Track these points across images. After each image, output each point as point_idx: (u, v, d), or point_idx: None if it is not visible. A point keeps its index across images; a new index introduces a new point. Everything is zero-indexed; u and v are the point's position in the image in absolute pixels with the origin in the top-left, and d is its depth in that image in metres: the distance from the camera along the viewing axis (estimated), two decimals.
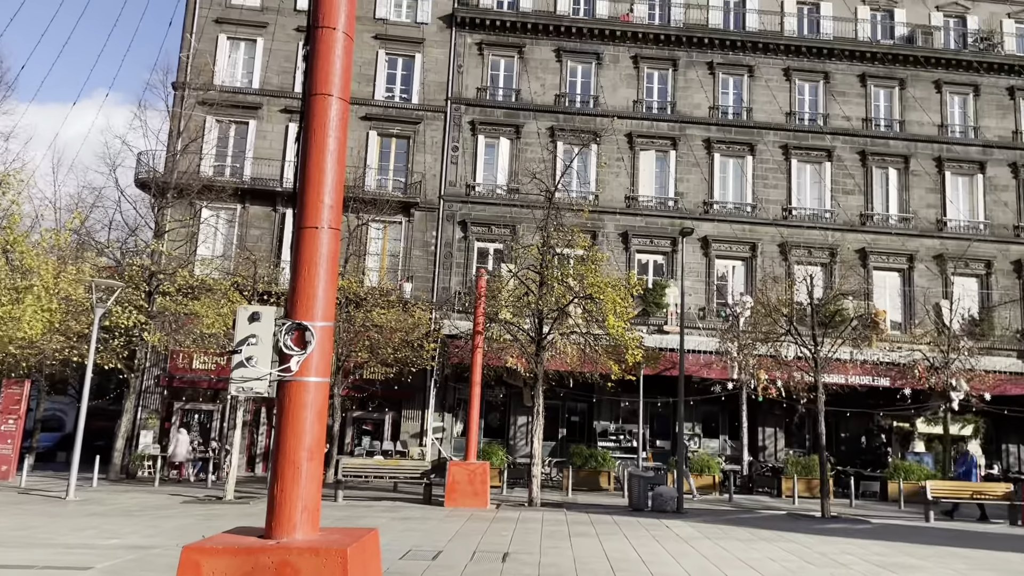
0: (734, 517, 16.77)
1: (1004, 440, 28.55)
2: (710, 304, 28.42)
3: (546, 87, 30.06)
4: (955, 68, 30.92)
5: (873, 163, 30.13)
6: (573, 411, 28.13)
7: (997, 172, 30.32)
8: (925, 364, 24.06)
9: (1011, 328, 28.52)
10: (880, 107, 30.96)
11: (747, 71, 30.60)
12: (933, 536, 14.41)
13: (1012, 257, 29.50)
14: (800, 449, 27.25)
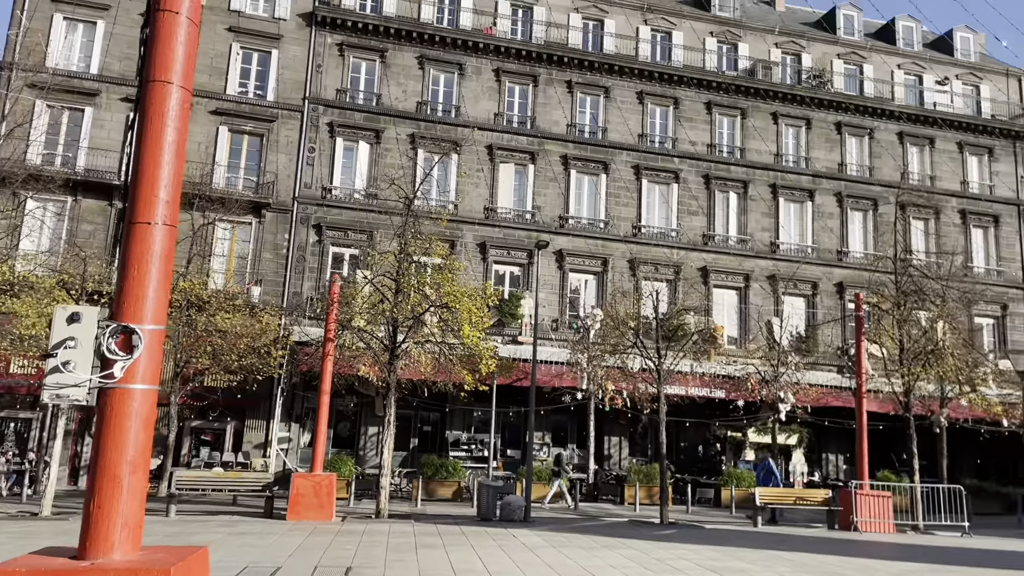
0: (579, 525, 17.16)
1: (825, 449, 30.91)
2: (563, 316, 29.08)
3: (408, 93, 29.84)
4: (790, 102, 33.35)
5: (716, 187, 31.93)
6: (426, 421, 27.93)
7: (824, 200, 32.90)
8: (757, 377, 25.64)
9: (833, 345, 30.93)
10: (724, 134, 32.88)
11: (603, 92, 31.67)
12: (761, 540, 15.31)
13: (835, 279, 32.04)
14: (643, 458, 28.33)
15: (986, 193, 34.90)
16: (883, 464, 27.77)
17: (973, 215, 34.38)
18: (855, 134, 34.02)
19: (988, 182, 35.10)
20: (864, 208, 33.27)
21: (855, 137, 34.06)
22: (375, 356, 18.90)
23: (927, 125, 34.68)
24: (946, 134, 34.91)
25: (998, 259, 34.27)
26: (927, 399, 22.79)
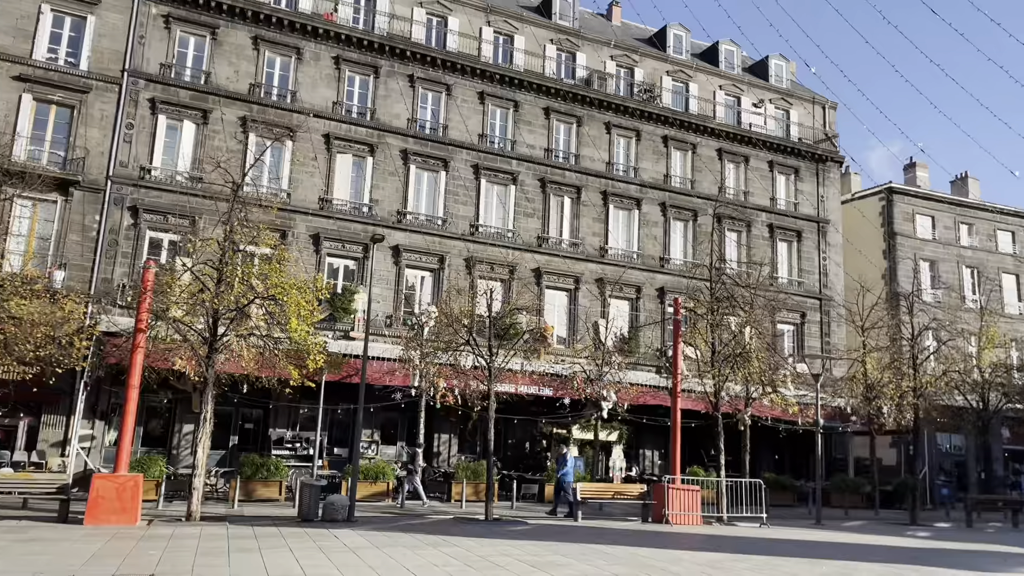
0: (404, 523, 17.00)
1: (642, 445, 32.50)
2: (398, 312, 28.76)
3: (240, 74, 28.43)
4: (623, 113, 34.78)
5: (551, 190, 32.75)
6: (247, 418, 26.74)
7: (650, 209, 34.58)
8: (583, 376, 26.54)
9: (653, 346, 32.57)
10: (560, 140, 33.79)
11: (445, 89, 31.64)
12: (581, 535, 15.82)
13: (657, 284, 33.75)
14: (472, 455, 28.56)
15: (791, 210, 38.01)
16: (694, 460, 29.57)
17: (780, 229, 37.33)
18: (680, 148, 36.01)
19: (794, 200, 38.25)
20: (685, 218, 35.28)
21: (679, 151, 36.05)
22: (193, 349, 17.80)
23: (743, 144, 37.30)
24: (759, 153, 37.70)
25: (799, 271, 37.43)
26: (734, 398, 24.44)
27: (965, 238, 42.72)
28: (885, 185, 41.62)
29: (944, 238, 42.04)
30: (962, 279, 41.85)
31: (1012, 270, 43.22)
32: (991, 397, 33.17)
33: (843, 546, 15.99)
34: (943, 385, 30.51)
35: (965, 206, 43.31)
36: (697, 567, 11.45)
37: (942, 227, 42.19)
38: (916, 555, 14.52)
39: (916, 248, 41.18)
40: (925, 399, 28.59)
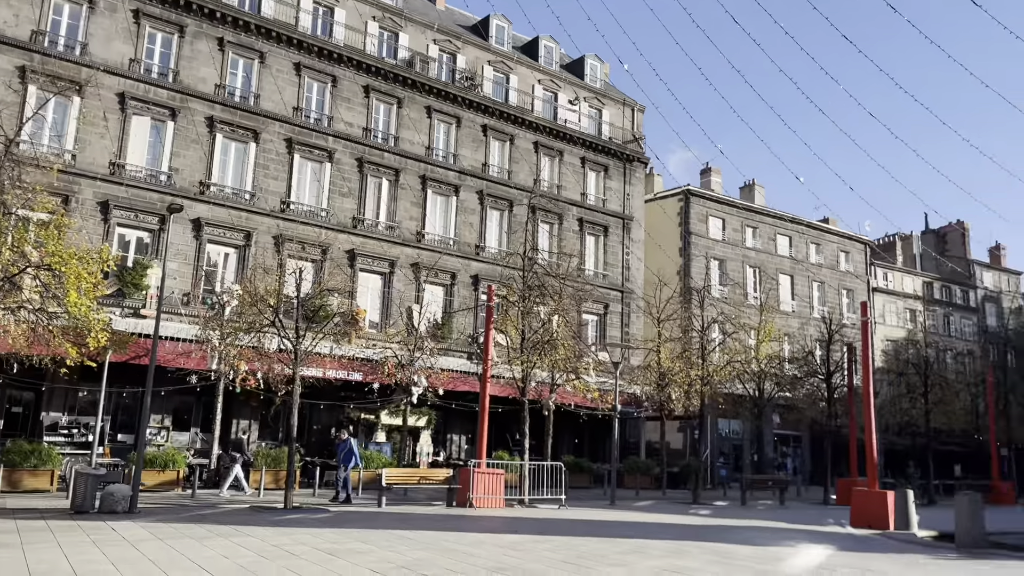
0: (194, 514, 15.95)
1: (450, 431, 32.72)
2: (196, 290, 26.98)
3: (20, 19, 25.39)
4: (444, 99, 34.67)
5: (369, 171, 32.04)
6: (16, 401, 24.07)
7: (468, 197, 34.77)
8: (394, 361, 26.23)
9: (465, 333, 32.84)
10: (380, 120, 33.12)
11: (259, 56, 30.01)
12: (384, 521, 15.59)
13: (472, 272, 34.04)
14: (274, 441, 27.42)
15: (600, 206, 39.68)
16: (500, 444, 30.18)
17: (589, 223, 38.87)
18: (498, 138, 36.48)
19: (603, 196, 39.96)
20: (502, 208, 35.82)
21: (498, 141, 36.52)
22: None
23: (558, 139, 38.42)
24: (573, 149, 39.01)
25: (605, 264, 39.19)
26: (540, 385, 25.15)
27: (750, 240, 46.65)
28: (683, 188, 44.53)
29: (732, 239, 45.66)
30: (746, 277, 45.71)
31: (788, 271, 47.77)
32: (766, 386, 36.44)
33: (635, 524, 16.89)
34: (726, 374, 33.05)
35: (751, 211, 47.29)
36: (499, 549, 11.59)
37: (731, 229, 45.80)
38: (699, 532, 15.62)
39: (708, 247, 44.42)
40: (711, 387, 30.87)
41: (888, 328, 51.42)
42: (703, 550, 12.35)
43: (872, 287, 52.07)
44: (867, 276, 52.01)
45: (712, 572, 9.98)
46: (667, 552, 11.97)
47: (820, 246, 50.11)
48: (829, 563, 11.57)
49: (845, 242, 51.56)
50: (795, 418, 41.15)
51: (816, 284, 48.92)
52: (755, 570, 10.38)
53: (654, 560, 10.91)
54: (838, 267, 50.64)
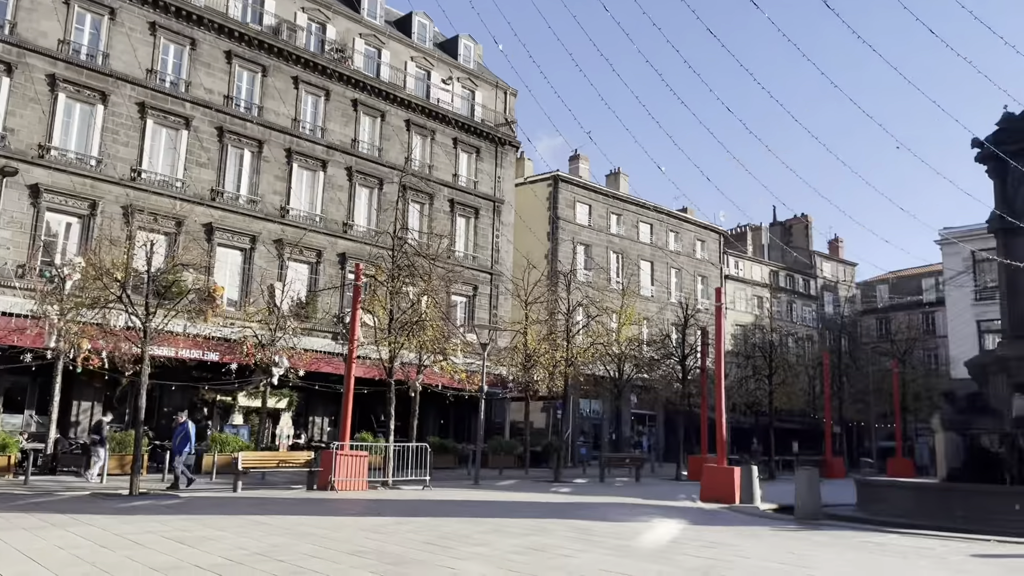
0: (28, 502, 14.76)
1: (312, 412, 31.94)
2: (34, 262, 24.88)
3: None
4: (312, 70, 33.51)
5: (229, 141, 30.56)
6: None
7: (336, 172, 33.85)
8: (254, 340, 25.23)
9: (331, 312, 32.06)
10: (243, 88, 31.62)
11: (108, 12, 27.92)
12: (239, 506, 14.98)
13: (339, 250, 33.23)
14: (120, 424, 25.81)
15: (471, 187, 39.67)
16: (364, 426, 29.74)
17: (460, 205, 38.79)
18: (369, 114, 35.69)
19: (474, 178, 39.96)
20: (371, 185, 35.12)
21: (369, 117, 35.73)
22: None
23: (431, 118, 38.03)
24: (446, 129, 38.73)
25: (475, 246, 39.27)
26: (407, 366, 24.93)
27: (615, 227, 48.05)
28: (552, 173, 45.25)
29: (598, 225, 46.88)
30: (610, 263, 47.10)
31: (648, 258, 49.59)
32: (625, 368, 37.73)
33: (498, 504, 17.08)
34: (589, 356, 33.93)
35: (616, 198, 48.69)
36: (361, 532, 11.39)
37: (597, 215, 47.00)
38: (560, 509, 15.99)
39: (575, 232, 45.40)
40: (574, 368, 31.61)
41: (738, 314, 54.42)
42: (564, 527, 12.63)
43: (725, 274, 54.92)
44: (720, 264, 54.80)
45: (572, 548, 10.20)
46: (529, 530, 12.15)
47: (679, 234, 52.29)
48: (681, 537, 12.10)
49: (701, 231, 54.05)
50: (651, 398, 42.90)
51: (674, 271, 51.06)
52: (613, 545, 10.70)
53: (516, 538, 11.04)
54: (695, 255, 53.06)
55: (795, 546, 11.30)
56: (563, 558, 9.36)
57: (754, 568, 9.07)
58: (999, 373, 16.41)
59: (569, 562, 9.07)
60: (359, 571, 8.00)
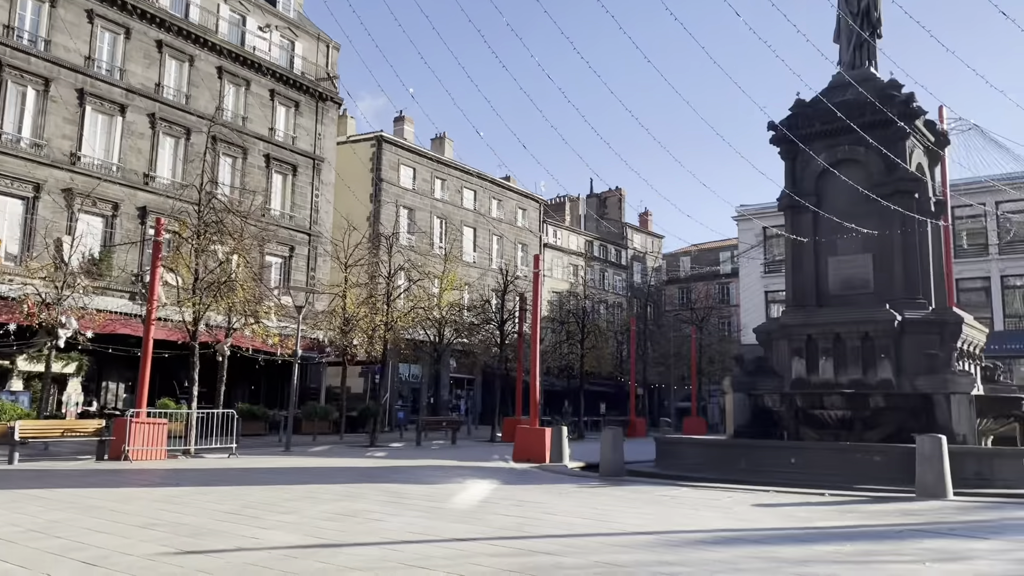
0: None
1: (106, 378, 29.56)
2: None
3: None
4: (108, 3, 30.46)
5: (9, 76, 27.29)
6: None
7: (137, 119, 31.15)
8: (37, 299, 22.84)
9: (128, 270, 29.66)
10: (27, 19, 28.29)
11: None
12: (14, 479, 13.56)
13: (139, 203, 30.73)
14: None
15: (290, 143, 37.97)
16: (166, 392, 27.90)
17: (276, 161, 37.04)
18: (176, 57, 33.07)
19: (292, 133, 38.25)
20: (177, 135, 32.69)
21: (176, 60, 33.11)
22: None
23: (246, 67, 35.87)
24: (262, 80, 36.69)
25: (292, 205, 37.74)
26: (215, 328, 23.57)
27: (439, 191, 47.92)
28: (376, 133, 44.28)
29: (422, 189, 46.53)
30: (433, 227, 46.96)
31: (471, 224, 49.95)
32: (446, 332, 37.94)
33: (309, 470, 16.63)
34: (410, 321, 33.75)
35: (441, 163, 48.49)
36: (155, 504, 10.64)
37: (421, 179, 46.62)
38: (374, 473, 15.80)
39: (398, 195, 44.81)
40: (394, 333, 31.33)
41: (555, 281, 56.25)
42: (377, 491, 12.48)
43: (544, 243, 56.46)
44: (540, 233, 56.26)
45: (384, 512, 10.09)
46: (340, 496, 11.89)
47: (501, 202, 53.02)
48: (493, 496, 12.33)
49: (523, 200, 55.14)
50: (470, 363, 43.54)
51: (496, 237, 51.80)
52: (425, 507, 10.70)
53: (327, 504, 10.76)
54: (516, 223, 54.08)
55: (598, 502, 11.83)
56: (374, 522, 9.23)
57: (560, 524, 9.38)
58: (782, 339, 17.97)
59: (380, 526, 8.95)
60: (149, 544, 7.43)
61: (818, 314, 17.60)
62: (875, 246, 17.56)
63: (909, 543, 8.46)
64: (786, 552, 7.77)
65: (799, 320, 17.72)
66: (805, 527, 9.61)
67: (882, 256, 17.53)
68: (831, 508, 11.35)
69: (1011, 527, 9.67)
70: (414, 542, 8.02)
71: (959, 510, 11.12)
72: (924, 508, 11.26)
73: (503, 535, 8.44)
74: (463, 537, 8.30)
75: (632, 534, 8.83)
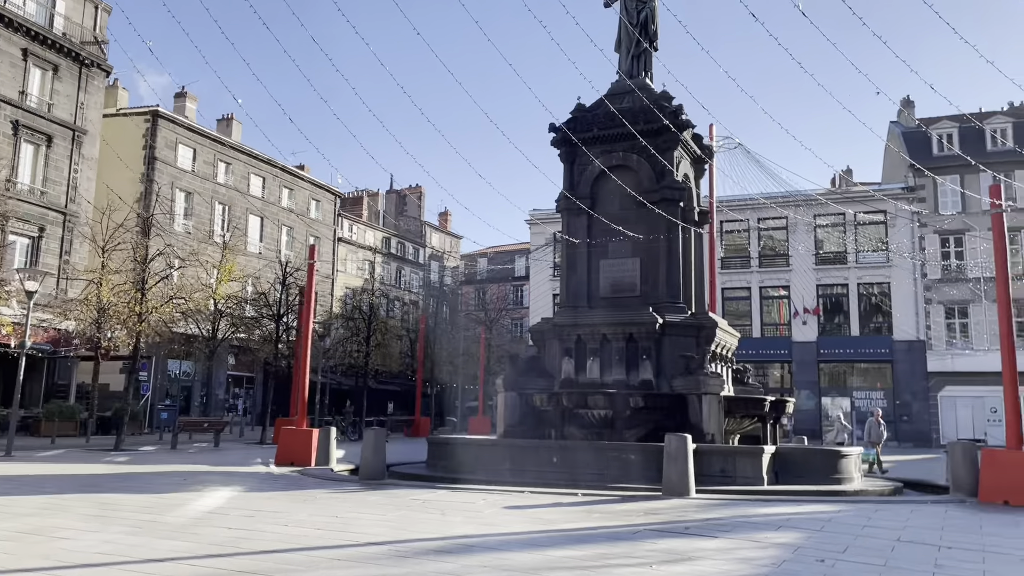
0: None
1: None
2: None
3: None
4: None
5: None
6: None
7: None
8: None
9: None
10: None
11: None
12: None
13: None
14: None
15: (44, 111, 33.74)
16: None
17: (27, 129, 32.76)
18: None
19: (49, 100, 34.02)
20: None
21: None
22: None
23: None
24: (12, 37, 32.30)
25: (45, 180, 33.53)
26: None
27: (222, 176, 44.79)
28: (152, 108, 40.57)
29: (203, 172, 43.26)
30: (214, 214, 43.80)
31: (259, 212, 47.18)
32: (221, 326, 35.43)
33: (21, 479, 14.38)
34: (170, 312, 31.09)
35: (226, 145, 45.35)
36: None
37: (202, 161, 43.34)
38: (95, 482, 13.91)
39: (175, 177, 41.36)
40: (153, 325, 28.66)
41: (348, 276, 54.62)
42: (88, 503, 10.86)
43: (338, 237, 54.62)
44: (335, 226, 54.35)
45: (82, 528, 8.68)
46: (38, 509, 10.20)
47: (293, 192, 50.59)
48: (226, 506, 11.12)
49: (317, 191, 52.98)
50: (250, 359, 41.09)
51: (286, 228, 49.31)
52: (137, 521, 9.34)
53: (14, 520, 9.12)
54: (308, 214, 51.81)
55: (343, 508, 11.00)
56: (60, 541, 7.83)
57: (287, 536, 8.45)
58: (554, 339, 18.06)
59: (64, 546, 7.59)
60: None
61: (588, 315, 17.85)
62: (643, 251, 18.08)
63: (643, 544, 8.39)
64: (519, 559, 7.37)
65: (570, 320, 17.88)
66: (549, 530, 9.34)
67: (649, 261, 18.09)
68: (580, 509, 11.26)
69: (741, 525, 9.97)
70: (94, 565, 6.78)
71: (699, 508, 11.42)
72: (667, 507, 11.46)
73: (212, 552, 7.41)
74: (160, 557, 7.17)
75: (364, 545, 8.11)
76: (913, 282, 41.20)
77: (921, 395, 40.17)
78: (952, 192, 40.92)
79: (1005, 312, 13.95)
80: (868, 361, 42.14)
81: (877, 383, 41.67)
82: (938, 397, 39.94)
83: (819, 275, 43.07)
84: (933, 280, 41.05)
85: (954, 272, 40.98)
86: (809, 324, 42.50)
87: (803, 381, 42.18)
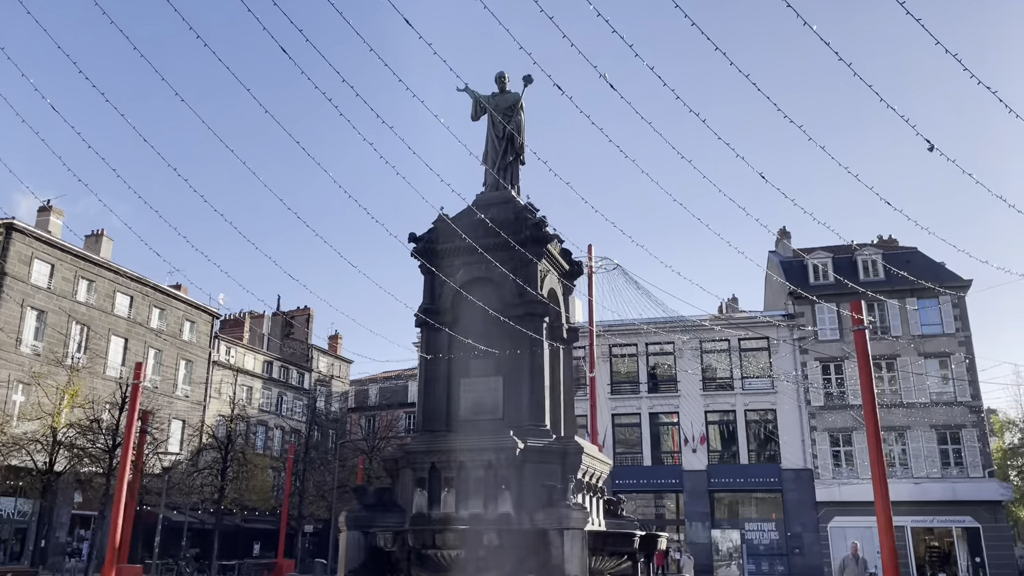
0: None
1: None
2: None
3: None
4: None
5: None
6: None
7: None
8: None
9: None
10: None
11: None
12: None
13: None
14: None
15: None
16: None
17: None
18: None
19: None
20: None
21: None
22: None
23: None
24: None
25: None
26: None
27: (83, 294, 41.66)
28: (6, 220, 37.75)
29: (61, 290, 40.14)
30: (71, 334, 40.37)
31: (123, 333, 43.87)
32: (60, 457, 31.81)
33: None
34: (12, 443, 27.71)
35: (90, 261, 42.46)
36: None
37: (61, 278, 40.29)
38: None
39: (27, 294, 38.14)
40: None
41: (223, 404, 51.01)
42: None
43: (214, 360, 51.34)
44: (210, 348, 51.18)
45: None
46: None
47: (165, 311, 47.56)
48: None
49: (192, 311, 50.04)
50: (101, 494, 36.91)
51: (153, 351, 45.91)
52: None
53: None
54: (181, 335, 48.64)
55: None
56: None
57: None
58: (406, 468, 16.18)
59: None
60: None
61: (444, 440, 16.13)
62: (507, 369, 16.75)
63: None
64: None
65: (424, 447, 16.10)
66: None
67: (513, 380, 16.72)
68: None
69: None
70: None
71: None
72: None
73: None
74: None
75: None
76: (798, 409, 41.22)
77: (811, 526, 39.32)
78: (831, 320, 41.96)
79: (874, 433, 13.11)
80: (759, 490, 41.30)
81: (771, 513, 40.68)
82: (828, 528, 39.15)
83: (707, 401, 42.68)
84: (817, 407, 41.22)
85: (836, 399, 41.33)
86: (699, 452, 41.62)
87: (695, 512, 40.82)
